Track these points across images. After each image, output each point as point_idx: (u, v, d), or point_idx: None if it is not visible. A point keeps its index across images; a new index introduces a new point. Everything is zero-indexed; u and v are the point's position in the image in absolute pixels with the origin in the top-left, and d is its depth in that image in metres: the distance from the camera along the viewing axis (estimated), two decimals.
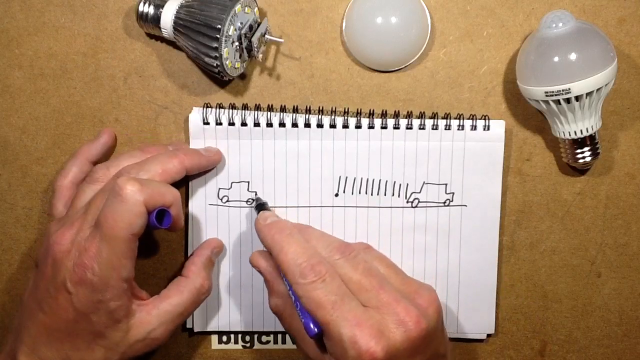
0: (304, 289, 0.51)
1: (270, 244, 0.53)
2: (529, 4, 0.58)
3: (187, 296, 0.56)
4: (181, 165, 0.55)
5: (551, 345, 0.62)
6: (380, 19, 0.56)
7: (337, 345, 0.49)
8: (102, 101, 0.59)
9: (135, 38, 0.59)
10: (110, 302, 0.51)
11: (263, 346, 0.62)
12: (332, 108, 0.59)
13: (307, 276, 0.51)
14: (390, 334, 0.49)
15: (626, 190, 0.60)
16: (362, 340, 0.48)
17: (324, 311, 0.50)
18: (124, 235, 0.50)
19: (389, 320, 0.50)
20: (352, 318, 0.49)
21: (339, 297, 0.50)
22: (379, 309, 0.50)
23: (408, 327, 0.50)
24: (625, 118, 0.59)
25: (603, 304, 0.62)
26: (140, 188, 0.50)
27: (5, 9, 0.58)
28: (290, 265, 0.51)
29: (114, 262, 0.50)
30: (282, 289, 0.55)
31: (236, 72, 0.57)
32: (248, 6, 0.55)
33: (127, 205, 0.50)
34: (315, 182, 0.59)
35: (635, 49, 0.59)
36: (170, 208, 0.53)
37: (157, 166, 0.54)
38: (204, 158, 0.57)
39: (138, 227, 0.50)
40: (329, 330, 0.50)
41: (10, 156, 0.60)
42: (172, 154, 0.55)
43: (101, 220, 0.50)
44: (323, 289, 0.50)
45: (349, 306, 0.50)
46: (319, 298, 0.50)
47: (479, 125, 0.58)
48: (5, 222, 0.61)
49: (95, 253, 0.50)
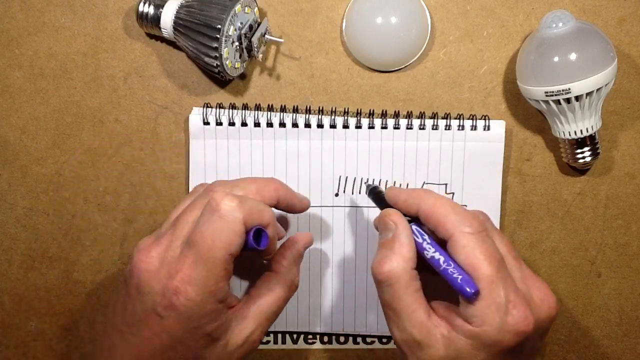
0: (471, 239, 0.46)
1: (420, 200, 0.48)
2: (529, 4, 0.58)
3: (280, 293, 0.51)
4: (276, 192, 0.51)
5: (551, 345, 0.62)
6: (380, 19, 0.56)
7: (491, 308, 0.45)
8: (102, 101, 0.59)
9: (135, 38, 0.59)
10: (207, 326, 0.47)
11: (263, 346, 0.62)
12: (332, 108, 0.59)
13: (473, 225, 0.46)
14: (537, 309, 0.47)
15: (626, 190, 0.60)
16: (519, 307, 0.45)
17: (491, 267, 0.45)
18: (221, 256, 0.45)
19: (535, 295, 0.47)
20: (511, 283, 0.46)
21: (500, 257, 0.47)
22: (524, 280, 0.48)
23: (550, 305, 0.47)
24: (625, 118, 0.59)
25: (603, 304, 0.62)
26: (239, 204, 0.46)
27: (5, 9, 0.58)
28: (451, 214, 0.47)
29: (210, 286, 0.46)
30: (410, 253, 0.47)
31: (236, 72, 0.57)
32: (248, 6, 0.55)
33: (226, 223, 0.46)
34: (315, 182, 0.59)
35: (635, 49, 0.59)
36: (267, 228, 0.48)
37: (252, 185, 0.50)
38: (296, 198, 0.53)
39: (236, 247, 0.46)
40: (490, 289, 0.45)
41: (10, 156, 0.60)
42: (268, 180, 0.52)
43: (197, 239, 0.46)
44: (488, 244, 0.46)
45: (507, 271, 0.46)
46: (487, 252, 0.46)
47: (479, 126, 0.58)
48: (5, 222, 0.61)
49: (189, 276, 0.45)
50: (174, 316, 0.46)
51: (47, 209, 0.60)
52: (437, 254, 0.47)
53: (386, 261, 0.47)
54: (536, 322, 0.46)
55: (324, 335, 0.62)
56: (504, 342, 0.45)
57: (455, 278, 0.46)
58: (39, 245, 0.61)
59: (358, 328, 0.61)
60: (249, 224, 0.47)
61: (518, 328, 0.45)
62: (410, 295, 0.47)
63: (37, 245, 0.61)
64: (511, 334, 0.45)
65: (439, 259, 0.47)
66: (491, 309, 0.45)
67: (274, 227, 0.49)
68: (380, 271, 0.47)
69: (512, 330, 0.45)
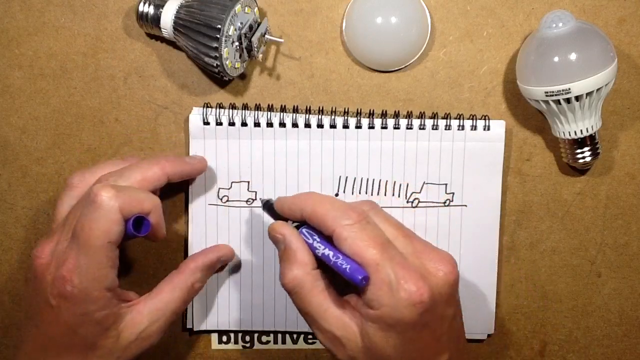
0: (351, 229, 0.48)
1: (301, 204, 0.51)
2: (529, 4, 0.58)
3: (179, 294, 0.54)
4: (162, 171, 0.53)
5: (551, 345, 0.62)
6: (380, 19, 0.56)
7: (382, 288, 0.47)
8: (102, 101, 0.59)
9: (135, 38, 0.59)
10: (96, 313, 0.50)
11: (263, 346, 0.62)
12: (332, 108, 0.59)
13: (351, 216, 0.49)
14: (432, 277, 0.48)
15: (626, 190, 0.60)
16: (410, 281, 0.47)
17: (374, 251, 0.48)
18: (100, 244, 0.48)
19: (429, 265, 0.49)
20: (399, 260, 0.48)
21: (384, 239, 0.49)
22: (415, 254, 0.50)
23: (446, 271, 0.49)
24: (625, 118, 0.59)
25: (603, 304, 0.62)
26: (116, 194, 0.49)
27: (5, 9, 0.58)
28: (330, 211, 0.49)
29: (94, 273, 0.49)
30: (305, 257, 0.50)
31: (236, 72, 0.57)
32: (248, 6, 0.55)
33: (102, 212, 0.48)
34: (315, 182, 0.59)
35: (635, 49, 0.59)
36: (149, 215, 0.51)
37: (137, 173, 0.52)
38: (187, 165, 0.56)
39: (115, 235, 0.49)
40: (378, 271, 0.47)
41: (10, 156, 0.60)
42: (153, 161, 0.54)
43: (77, 229, 0.49)
44: (369, 230, 0.49)
45: (394, 250, 0.49)
46: (368, 237, 0.48)
47: (479, 126, 0.58)
48: (5, 222, 0.61)
49: (73, 264, 0.49)
50: (63, 304, 0.49)
51: (47, 209, 0.60)
52: (326, 250, 0.49)
53: (286, 272, 0.50)
54: (431, 290, 0.47)
55: None
56: (405, 317, 0.47)
57: (344, 269, 0.48)
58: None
59: None
60: (127, 212, 0.49)
61: (413, 300, 0.47)
62: (317, 296, 0.50)
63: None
64: (408, 307, 0.47)
65: (329, 254, 0.49)
66: (383, 290, 0.47)
67: (157, 214, 0.52)
68: (284, 282, 0.50)
69: (407, 304, 0.47)
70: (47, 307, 0.50)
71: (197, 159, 0.57)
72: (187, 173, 0.56)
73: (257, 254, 0.60)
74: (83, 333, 0.50)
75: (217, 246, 0.59)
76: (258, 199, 0.59)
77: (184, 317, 0.61)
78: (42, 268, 0.50)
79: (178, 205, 0.60)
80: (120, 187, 0.50)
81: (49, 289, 0.50)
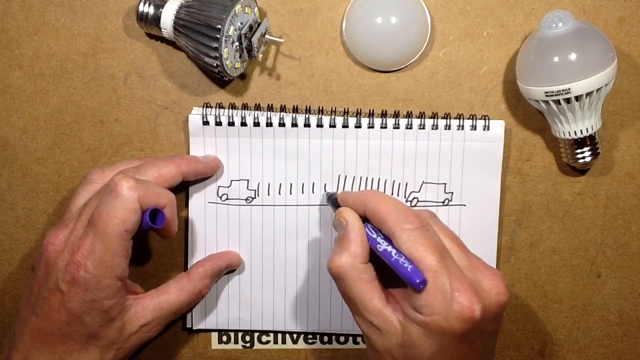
0: (411, 234, 0.49)
1: (365, 200, 0.52)
2: (529, 4, 0.58)
3: (185, 297, 0.56)
4: (177, 169, 0.55)
5: (551, 345, 0.62)
6: (380, 19, 0.56)
7: (437, 296, 0.47)
8: (102, 101, 0.59)
9: (135, 38, 0.59)
10: (104, 302, 0.51)
11: (263, 346, 0.62)
12: (332, 108, 0.59)
13: (413, 222, 0.49)
14: (485, 295, 0.48)
15: (626, 190, 0.60)
16: (465, 294, 0.47)
17: (433, 257, 0.48)
18: (117, 232, 0.49)
19: (483, 282, 0.49)
20: (455, 271, 0.48)
21: (443, 248, 0.49)
22: (470, 269, 0.50)
23: (499, 291, 0.49)
24: (625, 118, 0.59)
25: (603, 304, 0.62)
26: (136, 185, 0.50)
27: (5, 9, 0.58)
28: (392, 213, 0.50)
29: (108, 260, 0.50)
30: (357, 248, 0.51)
31: (236, 72, 0.57)
32: (248, 6, 0.55)
33: (121, 201, 0.49)
34: (314, 181, 0.59)
35: (635, 49, 0.59)
36: (164, 209, 0.53)
37: (153, 170, 0.54)
38: (201, 164, 0.57)
39: (131, 224, 0.50)
40: (435, 278, 0.47)
41: (10, 156, 0.60)
42: (168, 159, 0.56)
43: (95, 216, 0.50)
44: (429, 237, 0.49)
45: (451, 260, 0.49)
46: (428, 244, 0.48)
47: (479, 125, 0.58)
48: (5, 222, 0.61)
49: (88, 250, 0.50)
50: (73, 290, 0.50)
51: (47, 209, 0.60)
52: (389, 247, 0.49)
53: (335, 258, 0.51)
54: (483, 307, 0.48)
55: (324, 335, 0.62)
56: (452, 329, 0.47)
57: (405, 268, 0.48)
58: (39, 245, 0.61)
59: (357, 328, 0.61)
60: (145, 203, 0.51)
61: (464, 314, 0.47)
62: (363, 286, 0.50)
63: (37, 245, 0.61)
64: (458, 320, 0.47)
65: (391, 252, 0.49)
66: (437, 298, 0.47)
67: (171, 210, 0.53)
68: (331, 266, 0.51)
69: (458, 316, 0.47)
70: (54, 294, 0.50)
71: (210, 157, 0.58)
72: (201, 172, 0.57)
73: (257, 253, 0.60)
74: (88, 321, 0.51)
75: (226, 254, 0.60)
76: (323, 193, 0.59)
77: (184, 317, 0.61)
78: (54, 255, 0.51)
79: (178, 204, 0.60)
80: (141, 180, 0.51)
81: (60, 274, 0.50)
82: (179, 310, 0.56)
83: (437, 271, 0.47)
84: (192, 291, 0.57)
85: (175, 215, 0.54)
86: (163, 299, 0.55)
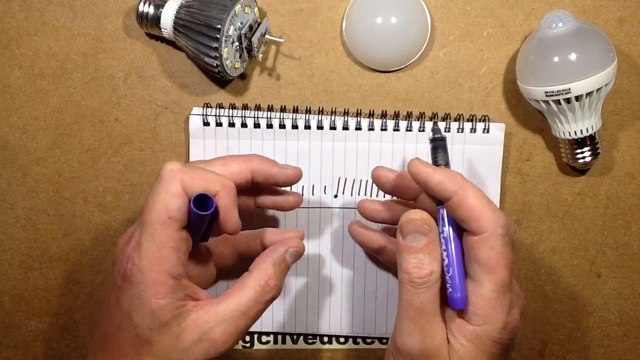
0: (500, 240, 0.46)
1: (456, 186, 0.46)
2: (529, 4, 0.58)
3: (250, 293, 0.47)
4: (246, 165, 0.50)
5: (551, 345, 0.62)
6: (380, 19, 0.56)
7: (497, 308, 0.46)
8: (102, 101, 0.59)
9: (135, 38, 0.59)
10: (152, 300, 0.45)
11: (263, 346, 0.62)
12: (332, 108, 0.59)
13: (504, 227, 0.46)
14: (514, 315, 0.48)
15: (626, 190, 0.60)
16: (517, 307, 0.48)
17: (508, 271, 0.46)
18: (160, 219, 0.45)
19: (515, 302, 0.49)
20: (514, 284, 0.48)
21: (512, 261, 0.47)
22: None
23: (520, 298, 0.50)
24: (625, 118, 0.59)
25: (603, 304, 0.62)
26: (180, 168, 0.46)
27: (5, 9, 0.58)
28: (488, 212, 0.46)
29: (154, 252, 0.45)
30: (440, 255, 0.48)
31: (236, 72, 0.57)
32: (248, 6, 0.55)
33: (163, 185, 0.45)
34: (314, 183, 0.59)
35: (635, 49, 0.59)
36: (216, 197, 0.47)
37: (220, 161, 0.50)
38: (275, 168, 0.51)
39: (175, 211, 0.45)
40: (503, 292, 0.46)
41: (10, 156, 0.60)
42: (241, 155, 0.51)
43: (143, 205, 0.46)
44: (509, 248, 0.46)
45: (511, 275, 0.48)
46: (507, 256, 0.46)
47: (479, 128, 0.58)
48: (5, 222, 0.61)
49: (136, 241, 0.46)
50: (124, 285, 0.46)
51: (47, 209, 0.60)
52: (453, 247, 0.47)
53: (426, 265, 0.47)
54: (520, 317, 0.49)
55: (324, 336, 0.62)
56: (502, 341, 0.47)
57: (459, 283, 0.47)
58: (39, 245, 0.61)
59: (356, 329, 0.61)
60: (190, 187, 0.46)
61: (514, 326, 0.48)
62: (435, 301, 0.47)
63: (37, 245, 0.61)
64: (509, 331, 0.47)
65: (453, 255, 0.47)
66: (496, 310, 0.46)
67: (227, 198, 0.47)
68: (421, 275, 0.46)
69: (510, 329, 0.47)
70: (113, 291, 0.47)
71: (290, 166, 0.52)
72: (273, 176, 0.51)
73: None
74: (138, 321, 0.45)
75: (285, 238, 0.52)
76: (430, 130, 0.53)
77: None
78: (119, 250, 0.48)
79: None
80: (191, 164, 0.47)
81: (119, 269, 0.47)
82: (247, 310, 0.47)
83: (505, 286, 0.46)
84: (257, 285, 0.48)
85: (233, 205, 0.48)
86: (227, 301, 0.47)
